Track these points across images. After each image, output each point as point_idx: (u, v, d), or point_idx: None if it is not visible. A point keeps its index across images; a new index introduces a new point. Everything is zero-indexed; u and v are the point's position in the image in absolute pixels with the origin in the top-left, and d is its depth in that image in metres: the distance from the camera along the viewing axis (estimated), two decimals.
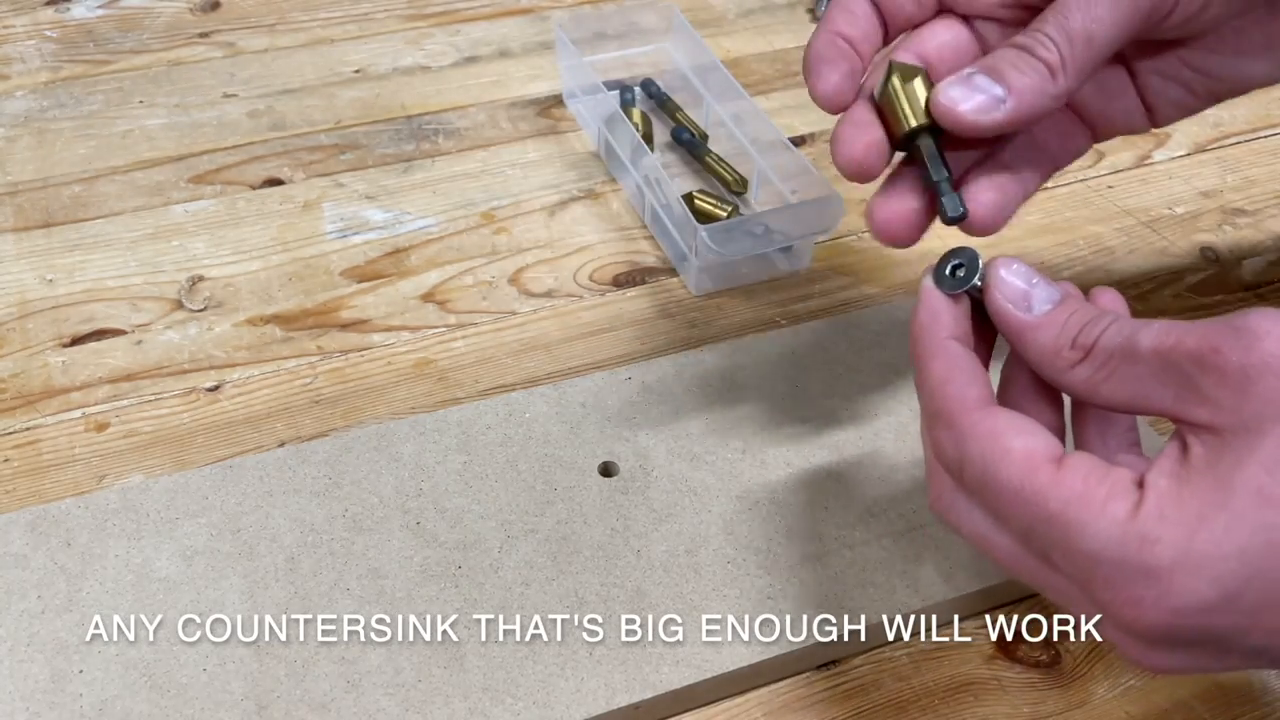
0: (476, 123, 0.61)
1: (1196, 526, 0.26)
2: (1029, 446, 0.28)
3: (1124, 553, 0.26)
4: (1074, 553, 0.27)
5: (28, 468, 0.43)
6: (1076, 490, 0.27)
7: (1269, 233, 0.56)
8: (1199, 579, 0.25)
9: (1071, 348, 0.29)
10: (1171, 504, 0.26)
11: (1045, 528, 0.28)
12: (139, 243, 0.53)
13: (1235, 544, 0.25)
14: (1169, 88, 0.38)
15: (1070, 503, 0.27)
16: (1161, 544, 0.26)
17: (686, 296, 0.52)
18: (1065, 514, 0.27)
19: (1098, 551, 0.27)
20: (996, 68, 0.33)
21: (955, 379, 0.30)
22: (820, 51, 0.35)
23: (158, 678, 0.35)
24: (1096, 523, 0.27)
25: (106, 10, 0.69)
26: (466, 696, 0.35)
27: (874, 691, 0.38)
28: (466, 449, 0.42)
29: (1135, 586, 0.26)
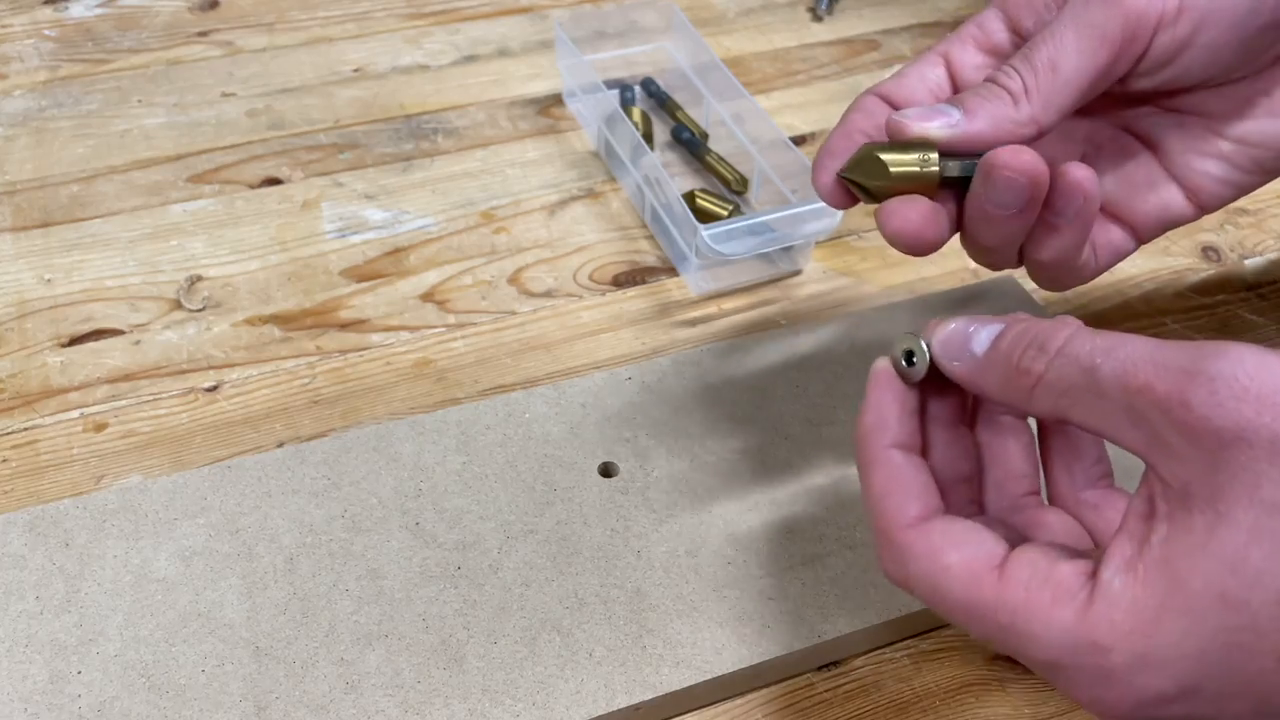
0: (476, 122, 0.61)
1: (1151, 632, 0.25)
2: (966, 559, 0.28)
3: (1077, 660, 0.26)
4: (1032, 661, 0.27)
5: (26, 468, 0.43)
6: (1020, 600, 0.27)
7: (1271, 232, 0.56)
8: (1156, 678, 0.25)
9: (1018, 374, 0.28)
10: (1123, 610, 0.25)
11: (1002, 638, 0.27)
12: (137, 242, 0.53)
13: (1194, 647, 0.25)
14: (1207, 164, 0.38)
15: (1017, 614, 0.27)
16: (1114, 651, 0.25)
17: (686, 296, 0.51)
18: (1015, 626, 0.27)
19: (1052, 660, 0.26)
20: (959, 98, 0.34)
21: (893, 493, 0.30)
22: (833, 146, 0.36)
23: (156, 678, 0.35)
24: (1046, 633, 0.26)
25: (105, 9, 0.68)
26: (466, 697, 0.35)
27: (875, 692, 0.38)
28: (466, 449, 0.42)
29: (1094, 688, 0.26)
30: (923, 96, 0.36)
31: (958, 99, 0.34)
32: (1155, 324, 0.50)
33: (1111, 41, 0.33)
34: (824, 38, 0.68)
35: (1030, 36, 0.36)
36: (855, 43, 0.68)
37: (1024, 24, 0.36)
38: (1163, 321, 0.51)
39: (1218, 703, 0.25)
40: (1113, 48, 0.33)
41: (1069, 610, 0.26)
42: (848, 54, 0.67)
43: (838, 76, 0.65)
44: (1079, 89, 0.33)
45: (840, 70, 0.66)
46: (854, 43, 0.68)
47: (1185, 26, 0.33)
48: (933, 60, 0.37)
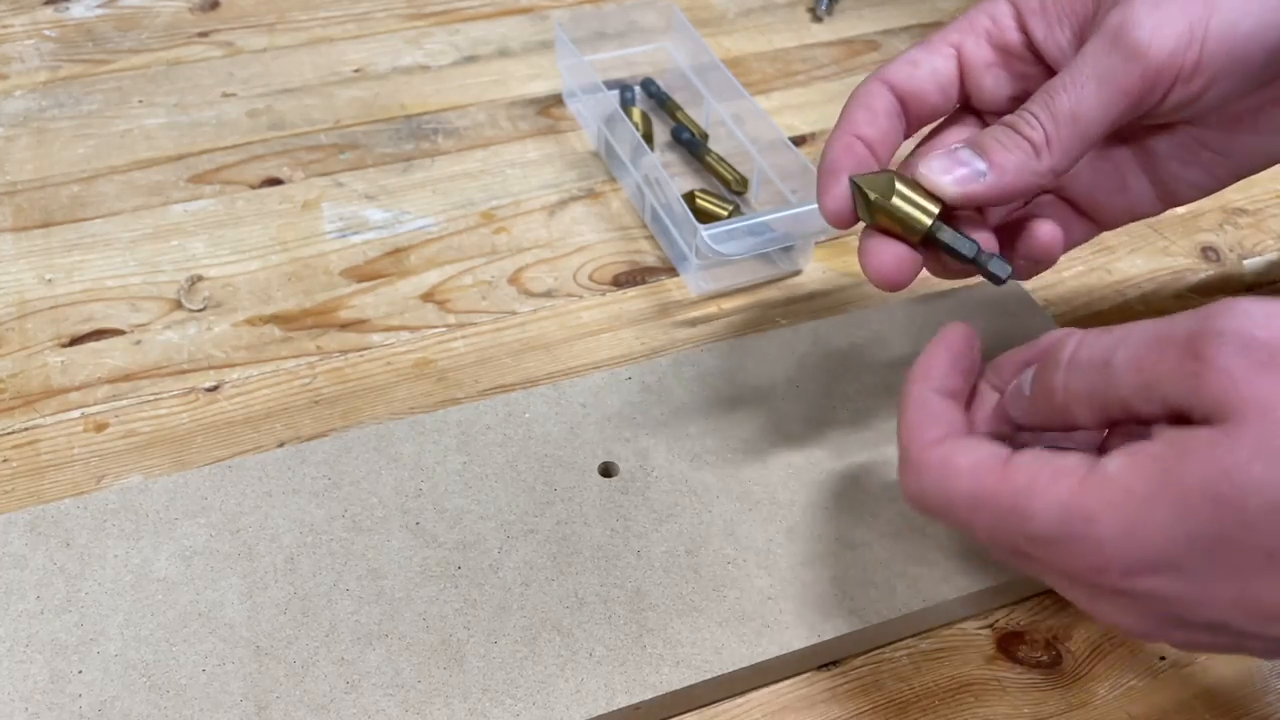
0: (476, 122, 0.61)
1: (1142, 510, 0.26)
2: (974, 459, 0.30)
3: (1068, 529, 0.27)
4: (1031, 539, 0.28)
5: (27, 468, 0.43)
6: (1022, 482, 0.28)
7: (1270, 232, 0.56)
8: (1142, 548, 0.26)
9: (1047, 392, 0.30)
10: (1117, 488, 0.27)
11: (1005, 525, 0.29)
12: (138, 242, 0.53)
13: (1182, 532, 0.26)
14: (1188, 171, 0.38)
15: (1018, 494, 0.28)
16: (1103, 522, 0.27)
17: (686, 296, 0.51)
18: (1016, 507, 0.28)
19: (1048, 534, 0.28)
20: (982, 143, 0.34)
21: (920, 422, 0.32)
22: (833, 161, 0.36)
23: (157, 678, 0.35)
24: (1043, 507, 0.28)
25: (105, 10, 0.69)
26: (466, 697, 0.35)
27: (874, 692, 0.38)
28: (466, 449, 0.42)
29: (1084, 557, 0.27)
30: (932, 92, 0.37)
31: (980, 144, 0.34)
32: None
33: (1131, 95, 0.33)
34: (824, 38, 0.68)
35: (1040, 46, 0.36)
36: (855, 43, 0.68)
37: (1035, 31, 0.36)
38: None
39: (1204, 584, 0.26)
40: (1131, 101, 0.33)
41: (1065, 485, 0.28)
42: (847, 54, 0.67)
43: (837, 77, 0.65)
44: (1095, 139, 0.34)
45: (840, 71, 0.66)
46: (854, 43, 0.68)
47: (1200, 81, 0.33)
48: (944, 51, 0.37)
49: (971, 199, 0.34)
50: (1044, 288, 0.52)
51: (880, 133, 0.37)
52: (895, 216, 0.35)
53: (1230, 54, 0.33)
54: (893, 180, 0.35)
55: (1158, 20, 0.33)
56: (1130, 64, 0.33)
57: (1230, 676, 0.38)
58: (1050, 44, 0.36)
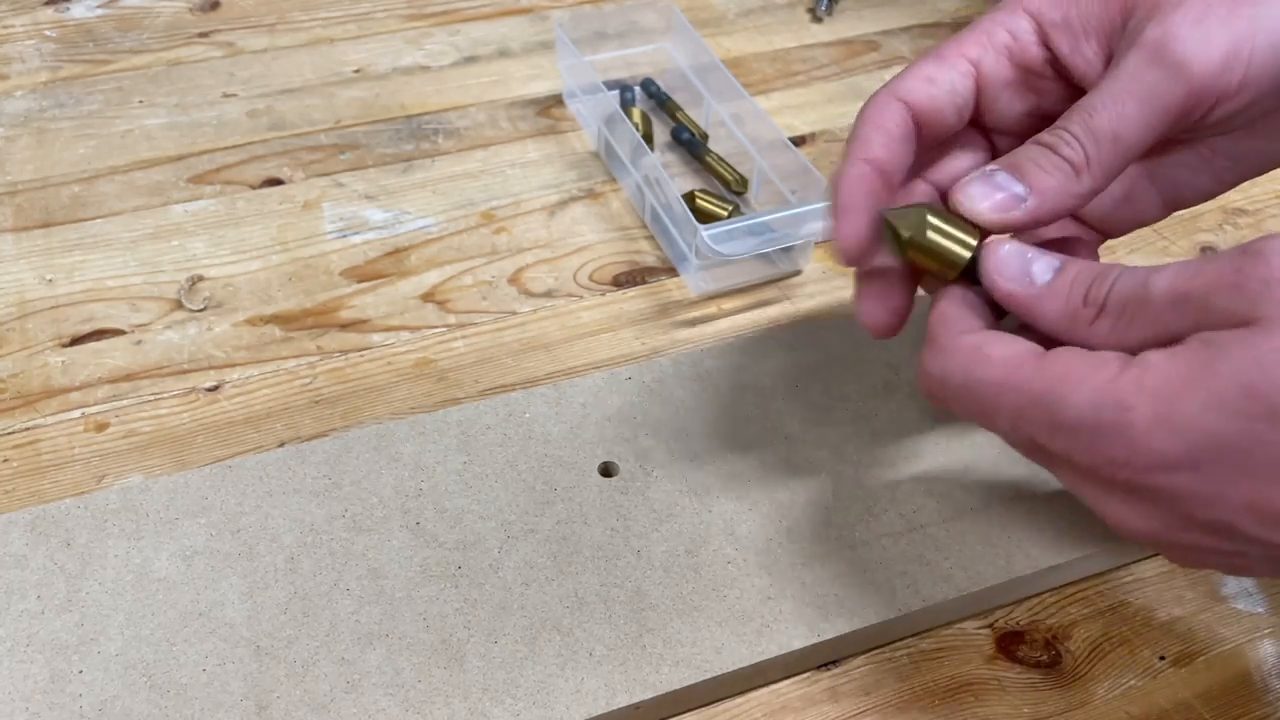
0: (476, 122, 0.61)
1: (1175, 397, 0.27)
2: (1009, 350, 0.30)
3: (1100, 416, 0.28)
4: (1057, 426, 0.29)
5: (27, 468, 0.43)
6: (1059, 371, 0.29)
7: (1270, 232, 0.56)
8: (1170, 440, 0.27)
9: (1085, 305, 0.30)
10: (1155, 375, 0.27)
11: (1032, 412, 0.29)
12: (138, 242, 0.53)
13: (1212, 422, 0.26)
14: (1196, 178, 0.38)
15: (1053, 381, 0.29)
16: (1136, 410, 0.27)
17: (686, 296, 0.51)
18: (1050, 392, 0.29)
19: (1077, 419, 0.28)
20: (1019, 165, 0.33)
21: (950, 312, 0.32)
22: (849, 197, 0.34)
23: (157, 678, 0.35)
24: (1077, 393, 0.28)
25: (106, 10, 0.69)
26: (466, 696, 0.35)
27: (874, 692, 0.38)
28: (466, 449, 0.42)
29: (1113, 446, 0.28)
30: (949, 112, 0.35)
31: (1017, 166, 0.33)
32: None
33: (1173, 114, 0.32)
34: (824, 38, 0.68)
35: (1066, 61, 0.35)
36: (855, 43, 0.68)
37: (1059, 46, 0.35)
38: None
39: (1220, 484, 0.27)
40: (1173, 120, 0.32)
41: (1103, 374, 0.28)
42: (847, 55, 0.67)
43: (837, 77, 0.65)
44: (1134, 157, 0.33)
45: (840, 71, 0.66)
46: (854, 43, 0.68)
47: (1244, 98, 0.33)
48: (962, 68, 0.35)
49: (1011, 225, 0.33)
50: None
51: (894, 156, 0.35)
52: (932, 253, 0.33)
53: (1275, 70, 0.32)
54: (925, 214, 0.33)
55: (1202, 36, 0.31)
56: (1174, 82, 0.32)
57: (1230, 676, 0.39)
58: (1078, 59, 0.35)
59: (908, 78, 0.36)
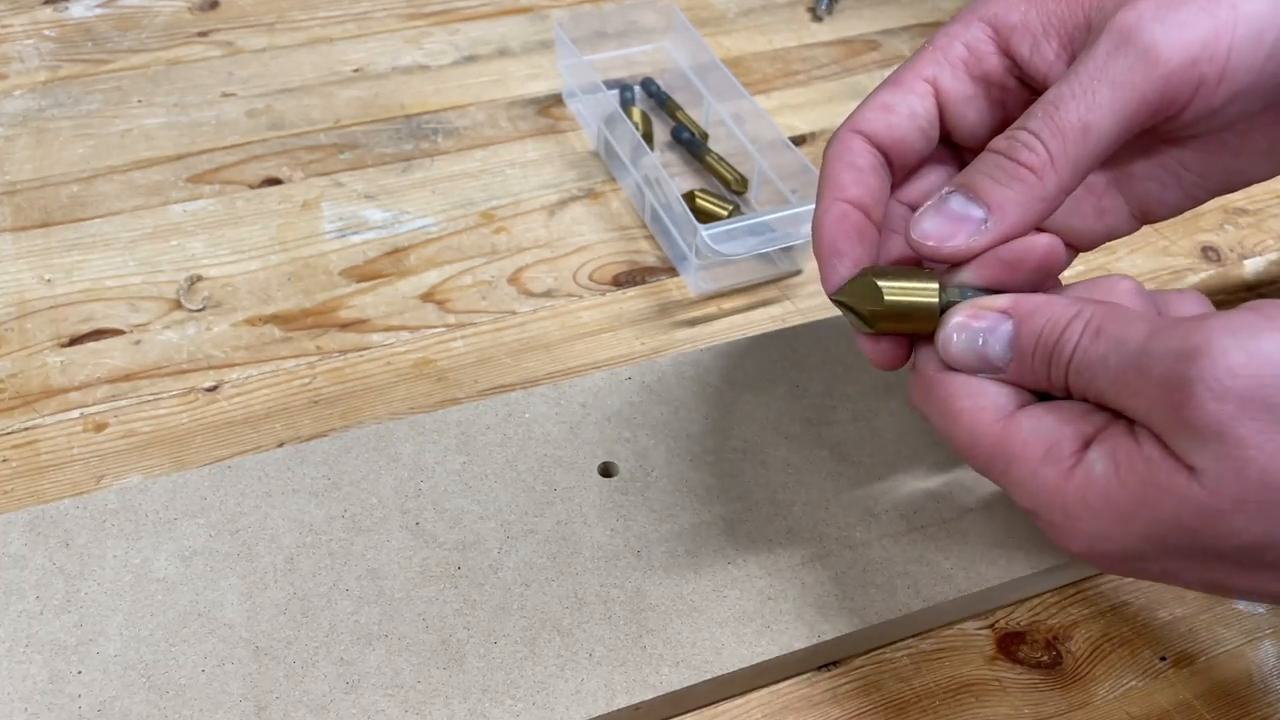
0: (476, 122, 0.61)
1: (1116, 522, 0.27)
2: (974, 405, 0.30)
3: (1050, 516, 0.29)
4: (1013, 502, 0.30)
5: (26, 468, 0.43)
6: (1015, 451, 0.29)
7: (1270, 232, 0.56)
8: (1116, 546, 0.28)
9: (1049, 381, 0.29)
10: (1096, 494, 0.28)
11: (991, 474, 0.30)
12: (137, 242, 0.53)
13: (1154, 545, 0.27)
14: (1166, 193, 0.36)
15: (1011, 462, 0.29)
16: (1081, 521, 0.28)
17: (686, 296, 0.51)
18: (1007, 472, 0.29)
19: (1030, 509, 0.29)
20: (973, 184, 0.31)
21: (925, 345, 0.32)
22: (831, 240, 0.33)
23: (156, 678, 0.35)
24: (1029, 484, 0.29)
25: (105, 9, 0.69)
26: (466, 697, 0.35)
27: (875, 692, 0.38)
28: (466, 449, 0.42)
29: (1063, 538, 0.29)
30: (914, 137, 0.34)
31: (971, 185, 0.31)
32: None
33: (1149, 104, 0.30)
34: (824, 38, 0.68)
35: (1026, 66, 0.33)
36: (855, 43, 0.68)
37: (1019, 50, 0.33)
38: None
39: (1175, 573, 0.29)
40: (1149, 111, 0.30)
41: (1053, 471, 0.28)
42: (847, 54, 0.67)
43: (838, 77, 0.65)
44: (1106, 151, 0.31)
45: (840, 70, 0.66)
46: (854, 43, 0.68)
47: (1221, 95, 0.31)
48: (919, 89, 0.34)
49: (976, 254, 0.31)
50: None
51: (868, 191, 0.33)
52: (901, 312, 0.31)
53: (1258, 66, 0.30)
54: (872, 281, 0.31)
55: (1176, 22, 0.29)
56: (1148, 68, 0.30)
57: (1230, 676, 0.38)
58: (1038, 61, 0.33)
59: (865, 109, 0.34)
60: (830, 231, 0.33)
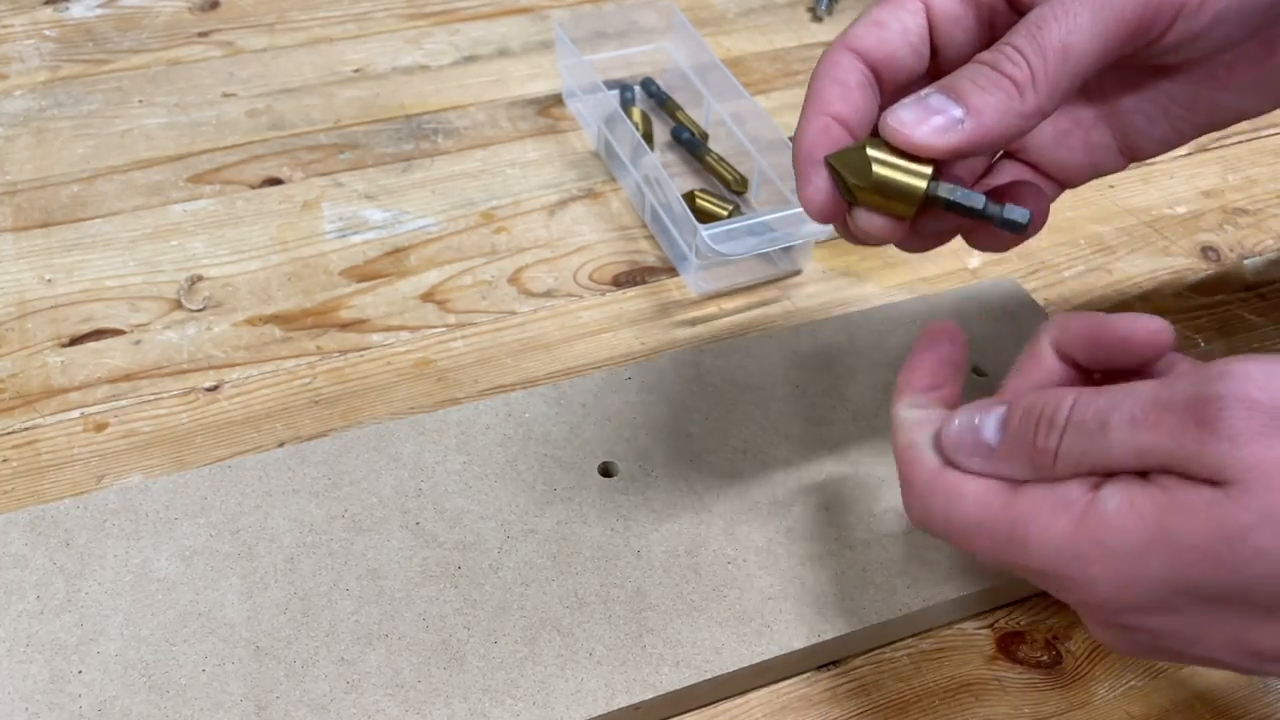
0: (476, 122, 0.61)
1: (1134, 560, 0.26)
2: (980, 487, 0.29)
3: (1064, 569, 0.27)
4: (1028, 569, 0.29)
5: (26, 468, 0.43)
6: (1024, 510, 0.28)
7: (1270, 232, 0.56)
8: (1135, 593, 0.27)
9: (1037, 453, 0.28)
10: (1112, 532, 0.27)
11: (1004, 552, 0.29)
12: (138, 242, 0.53)
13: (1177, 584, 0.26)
14: (1154, 126, 0.36)
15: (1017, 523, 0.28)
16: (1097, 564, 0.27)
17: (686, 296, 0.51)
18: (1014, 534, 0.28)
19: (1042, 568, 0.28)
20: (955, 86, 0.31)
21: (917, 449, 0.31)
22: (810, 148, 0.32)
23: (157, 678, 0.35)
24: (1040, 540, 0.28)
25: (105, 10, 0.69)
26: (466, 697, 0.35)
27: (875, 692, 0.38)
28: (466, 449, 0.42)
29: (1079, 592, 0.28)
30: (905, 55, 0.33)
31: (953, 87, 0.30)
32: None
33: (1129, 26, 0.30)
34: (824, 38, 0.68)
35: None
36: None
37: None
38: None
39: (1196, 626, 0.27)
40: (1129, 33, 0.30)
41: (1064, 520, 0.27)
42: None
43: None
44: (1085, 74, 0.30)
45: None
46: None
47: (1206, 17, 0.31)
48: (911, 7, 0.33)
49: (950, 151, 0.30)
50: (1044, 288, 0.52)
51: (854, 108, 0.32)
52: (886, 190, 0.31)
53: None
54: (865, 151, 0.31)
55: None
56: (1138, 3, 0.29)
57: (1230, 676, 0.38)
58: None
59: (857, 25, 0.34)
60: (810, 141, 0.32)
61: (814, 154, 0.32)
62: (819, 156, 0.32)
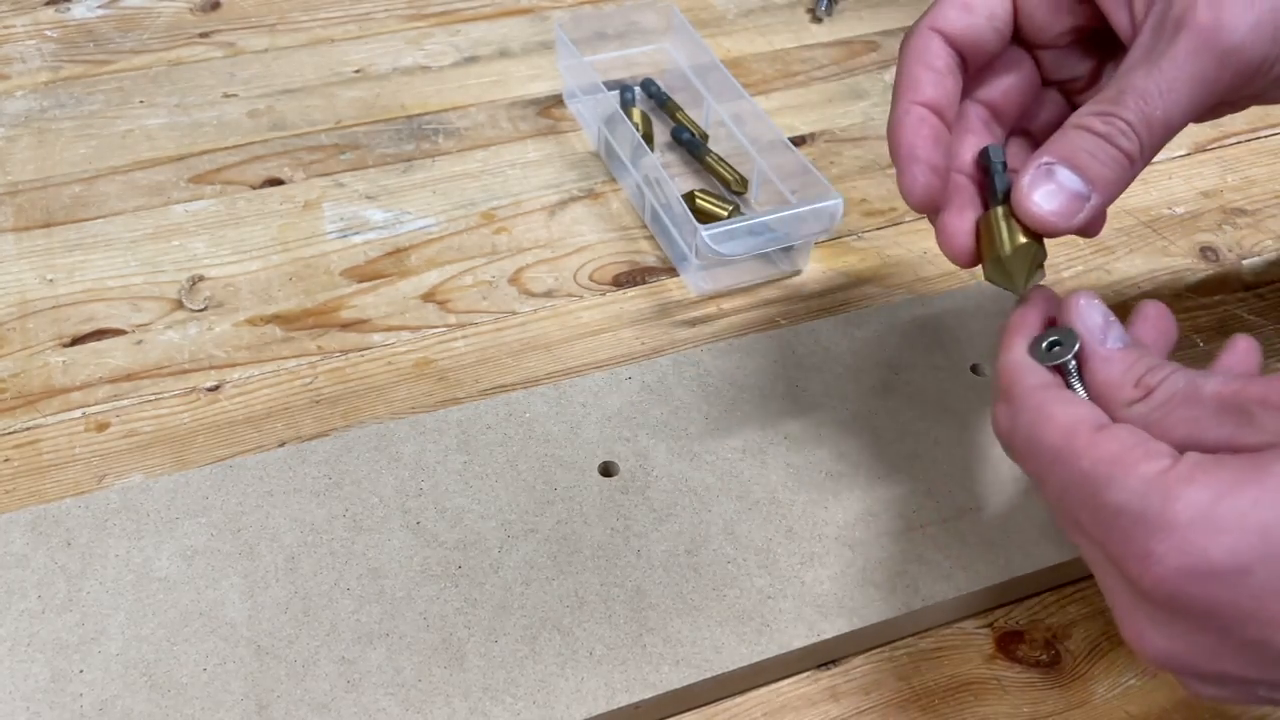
0: (476, 122, 0.61)
1: (1224, 493, 0.25)
2: (1072, 414, 0.29)
3: (1144, 505, 0.26)
4: (1099, 508, 0.28)
5: (28, 467, 0.43)
6: (1111, 451, 0.28)
7: (1269, 232, 0.56)
8: (1214, 542, 0.25)
9: (1135, 386, 0.30)
10: (1203, 471, 0.26)
11: (1077, 487, 0.28)
12: (139, 242, 0.53)
13: (1259, 520, 0.25)
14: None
15: (1101, 461, 0.28)
16: (1183, 501, 0.26)
17: (686, 296, 0.52)
18: (1095, 471, 0.28)
19: (1120, 504, 0.27)
20: (1076, 159, 0.33)
21: (1021, 361, 0.32)
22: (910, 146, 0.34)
23: (158, 678, 0.35)
24: (1124, 478, 0.27)
25: (107, 10, 0.69)
26: (466, 696, 0.35)
27: (874, 691, 0.38)
28: (466, 449, 0.42)
29: (1150, 539, 0.26)
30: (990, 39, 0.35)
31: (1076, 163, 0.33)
32: None
33: (1219, 96, 0.32)
34: (823, 39, 0.68)
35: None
36: (854, 44, 0.68)
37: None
38: None
39: (1262, 597, 0.25)
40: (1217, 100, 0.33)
41: (1154, 465, 0.27)
42: (847, 55, 0.67)
43: (837, 78, 0.65)
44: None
45: (839, 71, 0.66)
46: (853, 44, 0.68)
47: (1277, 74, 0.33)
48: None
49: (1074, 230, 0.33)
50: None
51: (944, 94, 0.35)
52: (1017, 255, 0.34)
53: None
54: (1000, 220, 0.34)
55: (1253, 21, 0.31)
56: (1224, 70, 0.32)
57: None
58: None
59: (945, 6, 0.35)
60: (909, 136, 0.34)
61: (914, 150, 0.34)
62: (919, 152, 0.34)
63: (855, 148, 0.60)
